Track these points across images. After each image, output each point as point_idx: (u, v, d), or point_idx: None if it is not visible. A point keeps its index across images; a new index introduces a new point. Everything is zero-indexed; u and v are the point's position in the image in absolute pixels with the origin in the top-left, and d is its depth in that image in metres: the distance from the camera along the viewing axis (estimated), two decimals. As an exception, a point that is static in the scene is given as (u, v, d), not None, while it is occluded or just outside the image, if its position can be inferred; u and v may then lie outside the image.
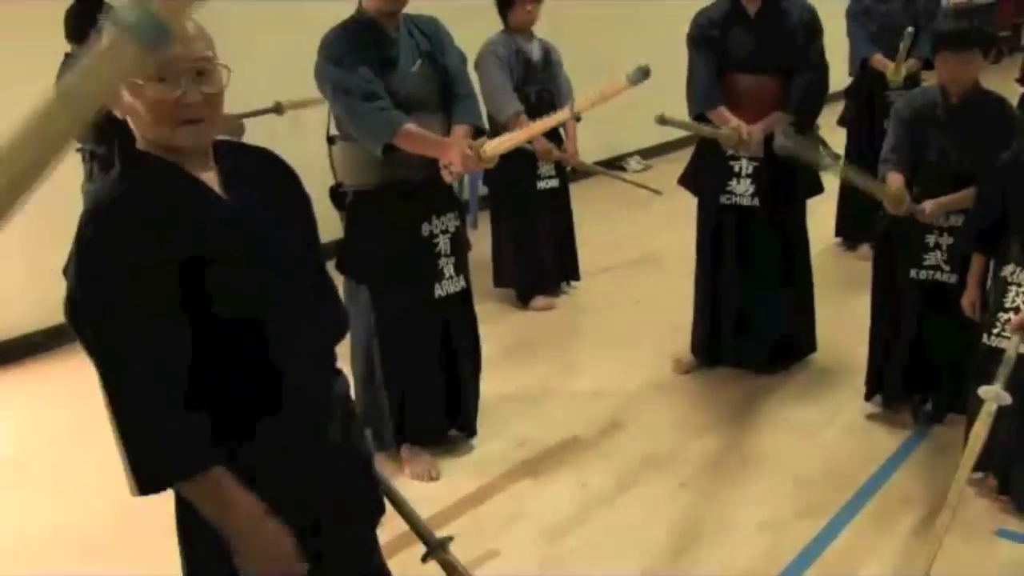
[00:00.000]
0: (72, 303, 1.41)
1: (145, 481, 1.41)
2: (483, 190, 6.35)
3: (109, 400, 1.41)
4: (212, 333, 1.45)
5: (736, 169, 3.50)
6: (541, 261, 4.60)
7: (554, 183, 4.52)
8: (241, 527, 1.45)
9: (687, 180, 3.68)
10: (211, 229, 1.45)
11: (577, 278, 4.77)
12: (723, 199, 3.54)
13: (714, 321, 3.71)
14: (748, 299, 3.62)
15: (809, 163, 2.93)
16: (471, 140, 2.82)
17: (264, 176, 1.58)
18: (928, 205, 2.92)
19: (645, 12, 6.56)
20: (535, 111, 3.89)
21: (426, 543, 2.11)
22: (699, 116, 3.51)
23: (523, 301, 4.61)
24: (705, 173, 3.59)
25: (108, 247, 1.39)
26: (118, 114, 1.45)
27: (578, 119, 4.28)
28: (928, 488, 2.91)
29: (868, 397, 3.36)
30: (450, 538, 2.14)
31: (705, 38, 3.48)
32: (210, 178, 1.49)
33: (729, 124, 3.39)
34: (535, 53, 4.37)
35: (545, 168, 4.48)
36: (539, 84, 4.37)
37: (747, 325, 3.65)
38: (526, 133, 2.78)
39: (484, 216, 6.20)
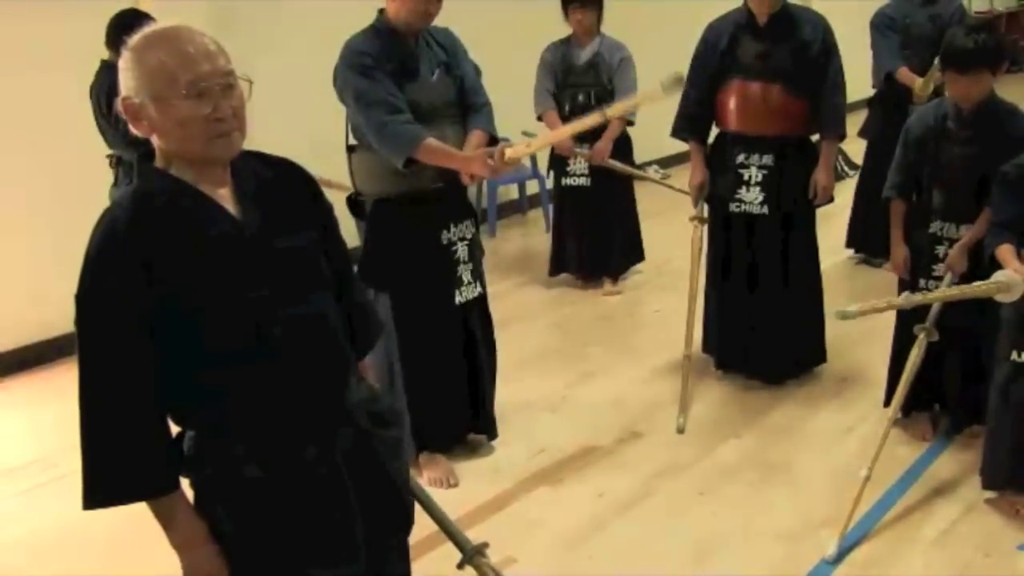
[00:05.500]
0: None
1: (95, 498, 1.47)
2: (504, 197, 6.43)
3: (80, 409, 1.46)
4: (213, 348, 1.48)
5: (746, 177, 3.52)
6: (565, 252, 4.86)
7: (583, 181, 4.66)
8: (179, 546, 1.53)
9: None
10: (217, 249, 1.49)
11: (610, 277, 4.89)
12: (732, 207, 3.55)
13: (724, 327, 3.72)
14: (756, 307, 3.62)
15: None
16: (491, 148, 2.83)
17: (282, 188, 1.60)
18: (954, 257, 2.97)
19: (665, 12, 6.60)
20: (580, 110, 4.35)
21: (462, 549, 2.10)
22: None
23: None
24: (715, 180, 3.60)
25: (106, 266, 1.44)
26: (139, 133, 1.49)
27: (630, 123, 4.56)
28: (949, 499, 2.89)
29: (887, 405, 3.34)
30: (485, 544, 2.13)
31: (706, 56, 3.53)
32: (224, 194, 1.52)
33: (692, 179, 3.62)
34: (581, 58, 4.56)
35: (576, 166, 4.65)
36: (582, 87, 4.56)
37: (754, 333, 3.65)
38: (550, 138, 2.79)
39: (502, 224, 6.25)
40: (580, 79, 4.56)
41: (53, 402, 3.93)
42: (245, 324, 1.49)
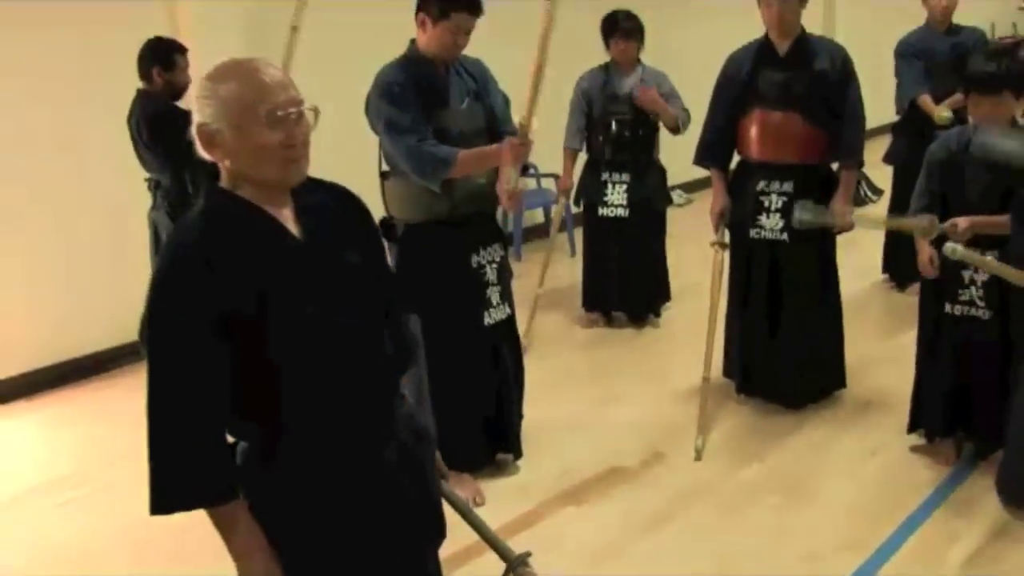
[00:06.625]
0: (142, 323, 1.55)
1: (162, 505, 1.53)
2: (530, 221, 6.50)
3: (148, 420, 1.53)
4: (273, 362, 1.55)
5: (766, 204, 3.57)
6: (598, 289, 4.78)
7: (620, 212, 4.60)
8: (238, 554, 1.58)
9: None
10: (281, 267, 1.57)
11: (651, 313, 4.84)
12: (752, 233, 3.61)
13: (744, 352, 3.77)
14: (775, 333, 3.66)
15: (828, 226, 3.25)
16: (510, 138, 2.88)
17: (337, 211, 1.68)
18: (962, 222, 2.87)
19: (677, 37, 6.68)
20: (616, 139, 4.54)
21: (505, 559, 2.14)
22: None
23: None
24: (736, 207, 3.66)
25: (178, 281, 1.52)
26: (212, 158, 1.56)
27: (676, 130, 4.51)
28: (974, 524, 2.89)
29: (910, 430, 3.35)
30: (528, 553, 2.17)
31: (727, 85, 3.61)
32: (286, 215, 1.60)
33: (713, 206, 3.67)
34: (624, 87, 4.53)
35: (614, 195, 4.60)
36: (622, 115, 4.54)
37: (774, 358, 3.68)
38: (529, 86, 2.76)
39: (528, 247, 6.31)
40: (621, 108, 4.54)
41: (85, 419, 4.04)
42: (303, 339, 1.56)
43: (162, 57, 4.01)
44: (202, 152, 1.56)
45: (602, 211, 4.64)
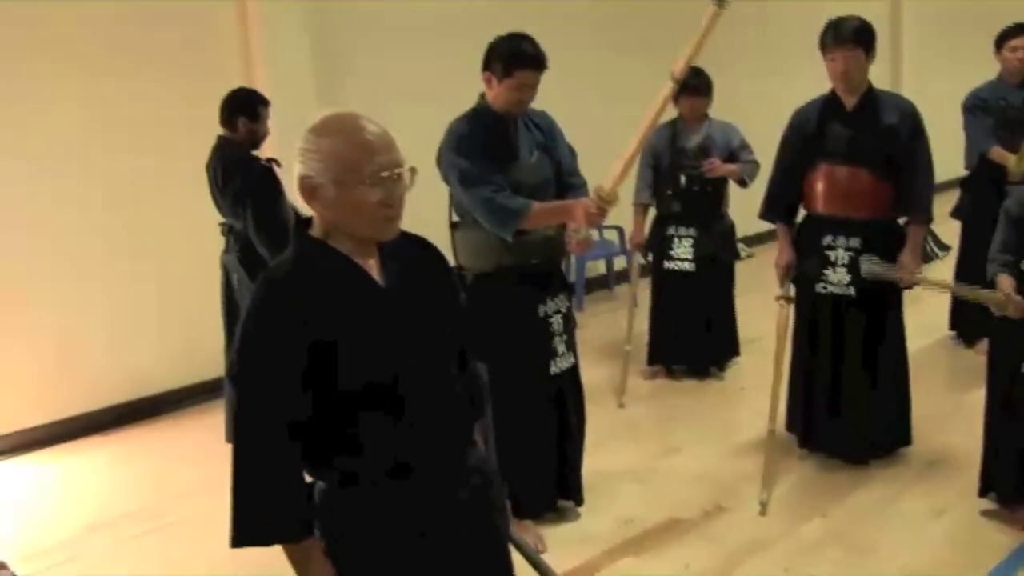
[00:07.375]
0: (231, 359, 1.64)
1: (242, 538, 1.60)
2: (592, 272, 6.56)
3: (233, 453, 1.61)
4: (353, 404, 1.62)
5: (832, 258, 3.57)
6: (664, 340, 4.80)
7: (687, 266, 4.64)
8: None
9: None
10: (365, 313, 1.64)
11: (715, 367, 4.85)
12: (818, 287, 3.60)
13: (808, 407, 3.75)
14: (840, 388, 3.64)
15: (895, 280, 3.38)
16: (584, 199, 2.97)
17: (419, 262, 1.76)
18: None
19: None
20: (685, 192, 4.62)
21: None
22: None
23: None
24: (802, 261, 3.67)
25: (268, 322, 1.60)
26: (311, 208, 1.64)
27: (744, 183, 4.58)
28: (1047, 591, 2.83)
29: (982, 494, 3.28)
30: None
31: (793, 140, 3.64)
32: (371, 265, 1.68)
33: (779, 259, 3.69)
34: (691, 141, 4.60)
35: (679, 249, 4.64)
36: (691, 169, 4.60)
37: (838, 414, 3.65)
38: (627, 157, 2.86)
39: (589, 299, 6.37)
40: (691, 162, 4.58)
41: (157, 455, 4.21)
42: (384, 383, 1.63)
43: (248, 108, 4.19)
44: (300, 201, 1.63)
45: (668, 265, 4.68)
